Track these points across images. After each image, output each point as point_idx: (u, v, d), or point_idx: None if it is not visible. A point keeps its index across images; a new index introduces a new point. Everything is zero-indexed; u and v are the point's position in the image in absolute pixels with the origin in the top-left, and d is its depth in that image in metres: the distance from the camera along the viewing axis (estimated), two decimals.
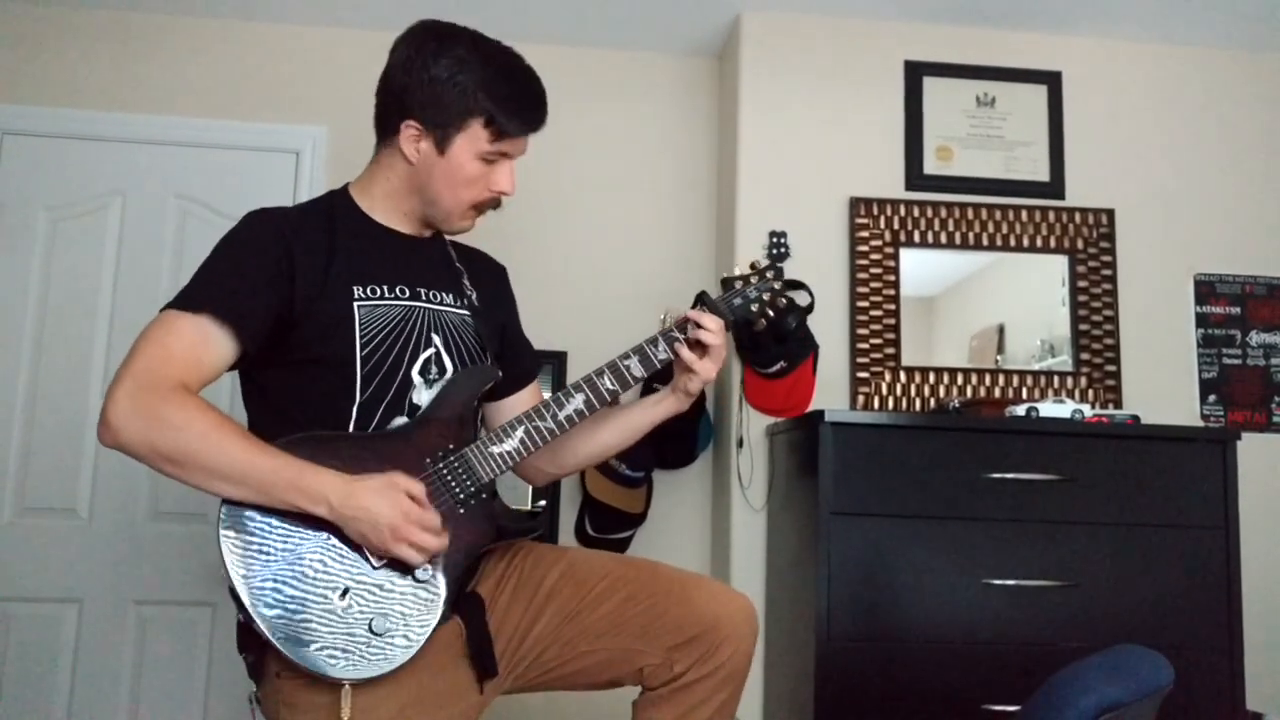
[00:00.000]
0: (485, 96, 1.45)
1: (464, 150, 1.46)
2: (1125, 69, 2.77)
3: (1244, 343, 2.68)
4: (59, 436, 2.59)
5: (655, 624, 1.47)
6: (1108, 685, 1.26)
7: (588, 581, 1.50)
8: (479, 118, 1.45)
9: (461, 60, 1.45)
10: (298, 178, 2.72)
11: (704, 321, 1.51)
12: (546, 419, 1.48)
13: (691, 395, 1.57)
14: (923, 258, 2.61)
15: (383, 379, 1.42)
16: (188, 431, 1.28)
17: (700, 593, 1.50)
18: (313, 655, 1.29)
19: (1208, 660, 2.07)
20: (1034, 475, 2.09)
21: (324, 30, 2.81)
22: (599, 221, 2.83)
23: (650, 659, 1.47)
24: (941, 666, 2.03)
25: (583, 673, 1.50)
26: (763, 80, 2.66)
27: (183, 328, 1.35)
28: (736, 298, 1.58)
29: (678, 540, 2.70)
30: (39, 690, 2.51)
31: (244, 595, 1.29)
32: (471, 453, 1.44)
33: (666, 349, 1.52)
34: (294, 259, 1.41)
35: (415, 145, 1.47)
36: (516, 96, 1.48)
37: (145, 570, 2.57)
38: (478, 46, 1.49)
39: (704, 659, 1.45)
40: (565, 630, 1.48)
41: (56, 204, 2.67)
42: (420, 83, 1.46)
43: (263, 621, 1.28)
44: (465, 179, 1.48)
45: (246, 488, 1.30)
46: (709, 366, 1.52)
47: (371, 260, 1.48)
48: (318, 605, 1.31)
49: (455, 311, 1.53)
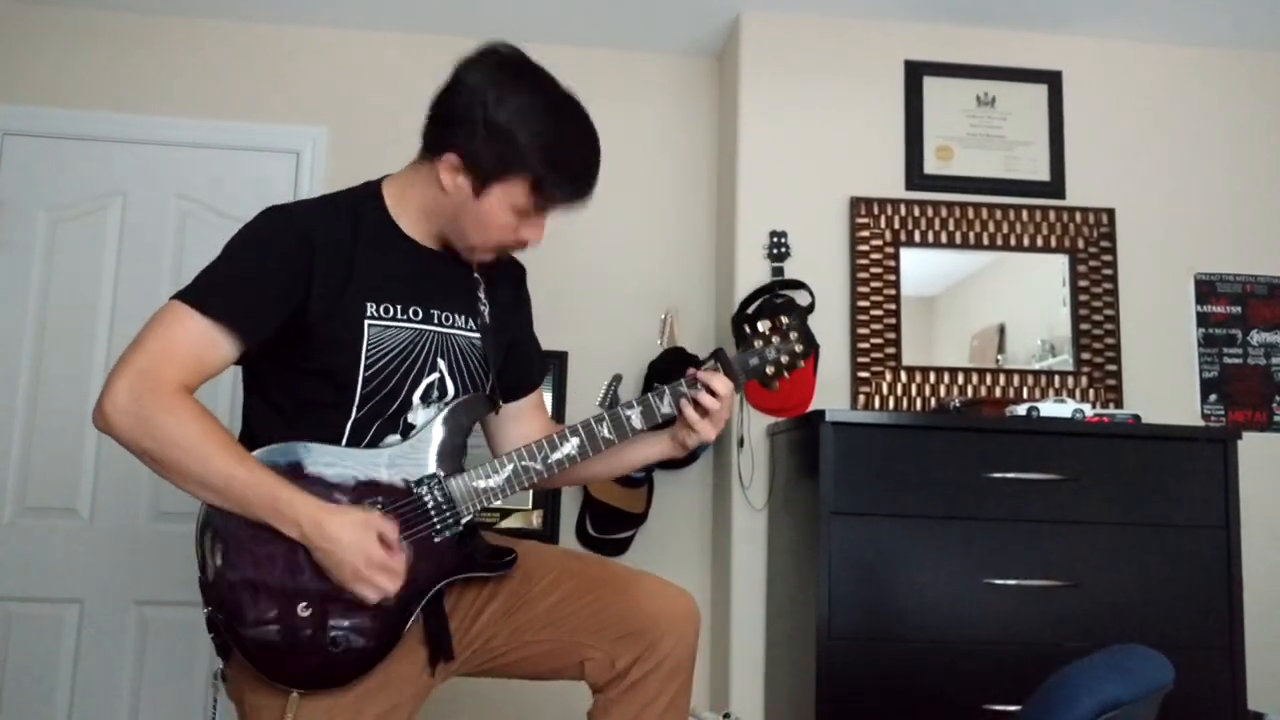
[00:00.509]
0: (538, 159, 1.38)
1: (499, 200, 1.41)
2: (1125, 68, 2.77)
3: (1245, 342, 2.68)
4: (59, 436, 2.59)
5: (597, 618, 1.49)
6: (1108, 684, 1.25)
7: (536, 573, 1.52)
8: (525, 178, 1.39)
9: (523, 112, 1.38)
10: (298, 178, 2.73)
11: (714, 385, 1.47)
12: (536, 460, 1.47)
13: (687, 449, 1.55)
14: (923, 257, 2.61)
15: (382, 400, 1.42)
16: (176, 439, 1.30)
17: (642, 589, 1.52)
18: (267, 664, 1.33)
19: (1209, 659, 2.07)
20: (1035, 475, 2.09)
21: (324, 31, 2.81)
22: (599, 222, 2.81)
23: (592, 652, 1.49)
24: (942, 666, 2.03)
25: (528, 661, 1.52)
26: (763, 80, 2.66)
27: (191, 326, 1.34)
28: (754, 358, 1.52)
29: (678, 540, 2.70)
30: (40, 690, 2.51)
31: (213, 595, 1.33)
32: (456, 484, 1.44)
33: (672, 405, 1.49)
34: (313, 268, 1.39)
35: (453, 177, 1.41)
36: (570, 166, 1.42)
37: (146, 570, 2.58)
38: (546, 99, 1.42)
39: (646, 654, 1.48)
40: (512, 619, 1.50)
41: (57, 204, 2.67)
42: (475, 120, 1.38)
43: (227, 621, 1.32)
44: (496, 225, 1.43)
45: (228, 500, 1.32)
46: (709, 429, 1.49)
47: (389, 275, 1.45)
48: (280, 613, 1.33)
49: (464, 334, 1.51)
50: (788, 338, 1.52)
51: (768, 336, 1.52)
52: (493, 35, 1.55)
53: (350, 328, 1.40)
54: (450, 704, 2.43)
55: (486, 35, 3.10)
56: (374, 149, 2.73)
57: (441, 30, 2.79)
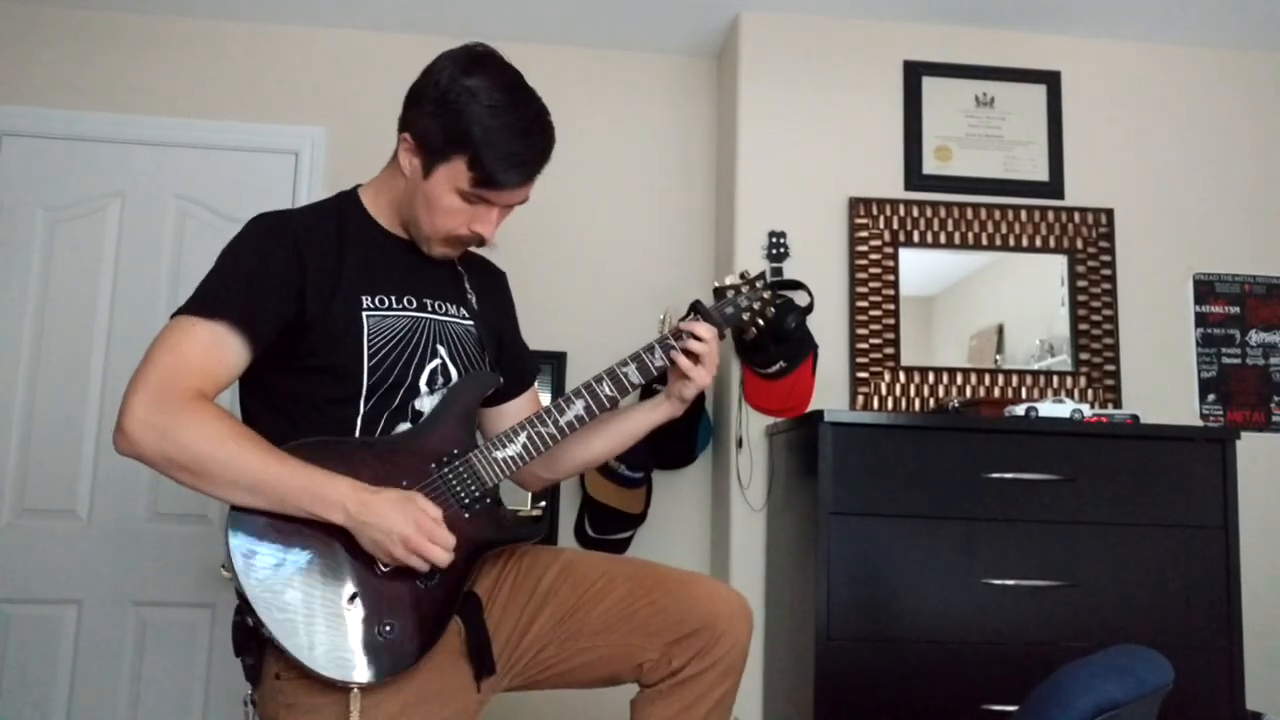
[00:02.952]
0: (478, 137, 1.39)
1: (443, 181, 1.42)
2: (1124, 68, 2.77)
3: (1243, 342, 2.68)
4: (58, 437, 2.59)
5: (653, 620, 1.48)
6: (1107, 685, 1.25)
7: (585, 580, 1.51)
8: (463, 156, 1.40)
9: (474, 92, 1.39)
10: (297, 178, 2.72)
11: (698, 330, 1.54)
12: (549, 424, 1.49)
13: (686, 401, 1.59)
14: (922, 258, 2.61)
15: (389, 388, 1.43)
16: (203, 442, 1.28)
17: (698, 589, 1.51)
18: (321, 658, 1.30)
19: (1207, 660, 2.07)
20: (1033, 475, 2.09)
21: (323, 31, 2.81)
22: (598, 222, 2.83)
23: (649, 654, 1.48)
24: (941, 666, 2.03)
25: (581, 670, 1.51)
26: (762, 80, 2.66)
27: (198, 334, 1.35)
28: (728, 306, 1.61)
29: (677, 541, 2.70)
30: (38, 691, 2.51)
31: (253, 599, 1.29)
32: (476, 457, 1.44)
33: (663, 356, 1.54)
34: (305, 265, 1.40)
35: (408, 159, 1.45)
36: (510, 149, 1.41)
37: (144, 571, 2.57)
38: (502, 86, 1.42)
39: (702, 653, 1.46)
40: (563, 628, 1.49)
41: (55, 205, 2.67)
42: (428, 99, 1.42)
43: (272, 625, 1.29)
44: (443, 209, 1.44)
45: (263, 496, 1.30)
46: (703, 374, 1.55)
47: (379, 269, 1.48)
48: (326, 609, 1.31)
49: (459, 322, 1.54)
50: (754, 286, 1.62)
51: (737, 286, 1.62)
52: (492, 36, 1.56)
53: (349, 320, 1.41)
54: None
55: (486, 36, 3.10)
56: (373, 149, 2.70)
57: (440, 31, 2.79)
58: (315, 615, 1.31)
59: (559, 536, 2.65)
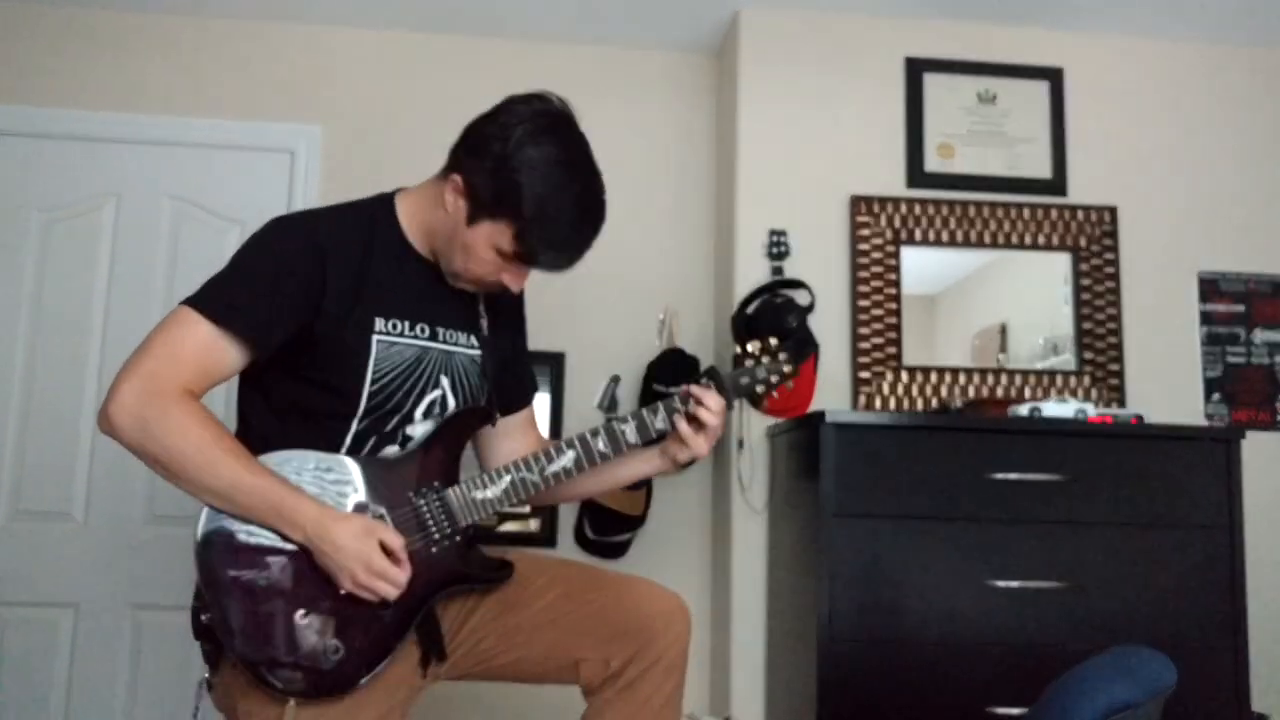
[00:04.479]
0: (530, 211, 1.38)
1: (486, 236, 1.41)
2: (1127, 65, 2.75)
3: (1248, 341, 2.67)
4: (54, 439, 2.58)
5: (591, 619, 1.51)
6: (1116, 686, 1.25)
7: (527, 576, 1.54)
8: (510, 224, 1.39)
9: (534, 166, 1.38)
10: (292, 177, 2.71)
11: (706, 401, 1.50)
12: (534, 472, 1.49)
13: (679, 465, 1.57)
14: (924, 256, 2.59)
15: (385, 413, 1.44)
16: (181, 444, 1.30)
17: (634, 590, 1.54)
18: (266, 670, 1.32)
19: (1212, 660, 2.06)
20: (1037, 475, 2.07)
21: (318, 28, 2.79)
22: None
23: (586, 653, 1.50)
24: (944, 668, 2.01)
25: (520, 663, 1.53)
26: (762, 77, 2.64)
27: (200, 333, 1.35)
28: (744, 377, 1.55)
29: (678, 543, 2.69)
30: (34, 695, 2.50)
31: (211, 601, 1.32)
32: (454, 494, 1.45)
33: (665, 420, 1.52)
34: (326, 278, 1.40)
35: (454, 199, 1.43)
36: (557, 231, 1.41)
37: (141, 574, 2.56)
38: (565, 160, 1.41)
39: (641, 652, 1.49)
40: (503, 621, 1.52)
41: (50, 205, 2.65)
42: (490, 153, 1.39)
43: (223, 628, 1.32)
44: (477, 258, 1.44)
45: (229, 504, 1.33)
46: (702, 445, 1.52)
47: (398, 290, 1.47)
48: (280, 619, 1.33)
49: (466, 352, 1.54)
50: (776, 358, 1.56)
51: (757, 356, 1.56)
52: (490, 34, 1.54)
53: (358, 343, 1.42)
54: (446, 708, 2.41)
55: (482, 34, 3.09)
56: (368, 148, 2.72)
57: (437, 28, 2.77)
58: (267, 624, 1.32)
59: (559, 538, 2.64)
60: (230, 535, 1.33)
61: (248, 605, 1.32)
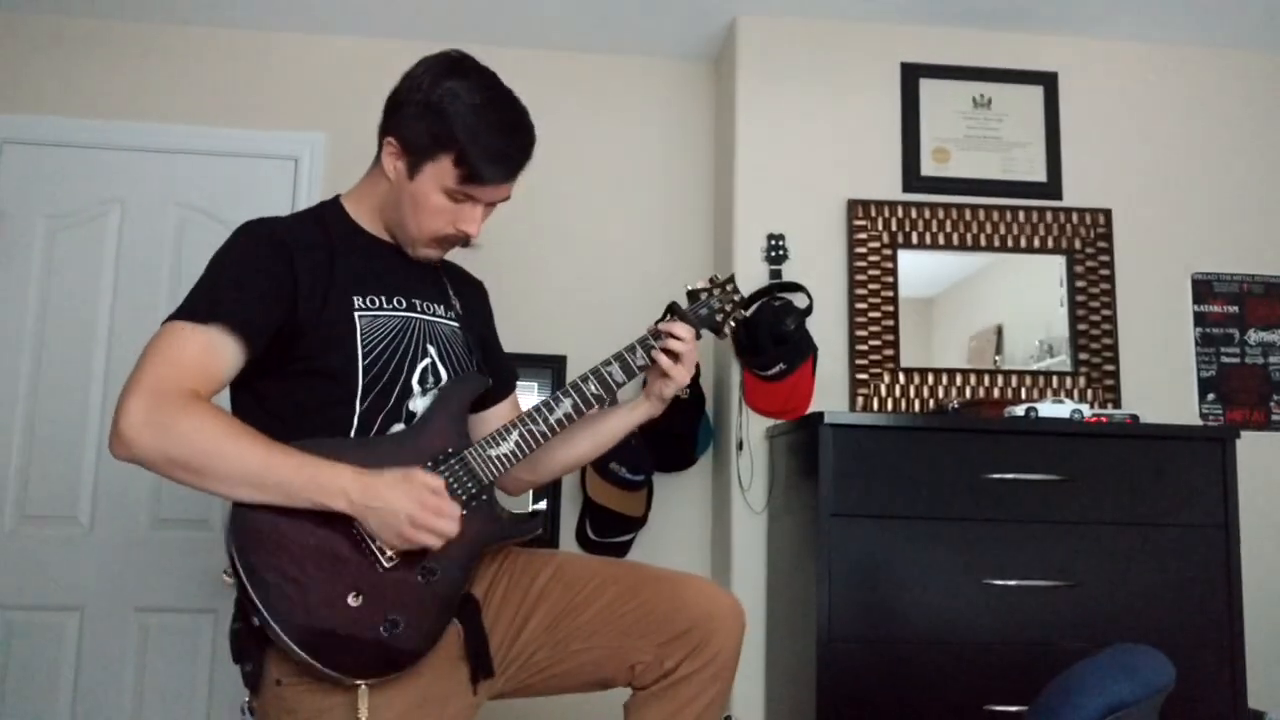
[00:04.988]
0: (463, 135, 1.43)
1: (429, 181, 1.46)
2: (1121, 69, 2.78)
3: (1242, 341, 2.69)
4: (59, 444, 2.59)
5: (646, 620, 1.49)
6: (1114, 684, 1.25)
7: (578, 582, 1.52)
8: (449, 153, 1.43)
9: (456, 94, 1.44)
10: (296, 184, 2.73)
11: (676, 330, 1.57)
12: (539, 422, 1.51)
13: (664, 400, 1.62)
14: (921, 259, 2.62)
15: (383, 388, 1.44)
16: (202, 438, 1.28)
17: (689, 590, 1.52)
18: (326, 659, 1.30)
19: (1209, 659, 2.07)
20: (1033, 475, 2.09)
21: (322, 38, 2.81)
22: (597, 225, 2.83)
23: (642, 655, 1.48)
24: (942, 667, 2.03)
25: (574, 672, 1.51)
26: (759, 83, 2.66)
27: (190, 338, 1.34)
28: (702, 309, 1.64)
29: (678, 543, 2.70)
30: (40, 699, 2.51)
31: (259, 602, 1.28)
32: (471, 455, 1.45)
33: (644, 355, 1.57)
34: (295, 269, 1.41)
35: (393, 162, 1.48)
36: (495, 145, 1.45)
37: (146, 577, 2.57)
38: (482, 87, 1.47)
39: (695, 653, 1.47)
40: (556, 630, 1.50)
41: (55, 212, 2.67)
42: (411, 102, 1.45)
43: (279, 626, 1.28)
44: (429, 209, 1.47)
45: (266, 490, 1.29)
46: (682, 372, 1.57)
47: (367, 270, 1.49)
48: (331, 608, 1.31)
49: (446, 323, 1.56)
50: (725, 289, 1.66)
51: (709, 289, 1.67)
52: (490, 41, 1.56)
53: (343, 322, 1.43)
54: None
55: (484, 41, 3.11)
56: (372, 155, 2.73)
57: (439, 37, 2.79)
58: (322, 615, 1.30)
59: (560, 539, 2.65)
60: (263, 532, 1.30)
61: (296, 598, 1.28)
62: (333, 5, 2.67)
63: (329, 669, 1.30)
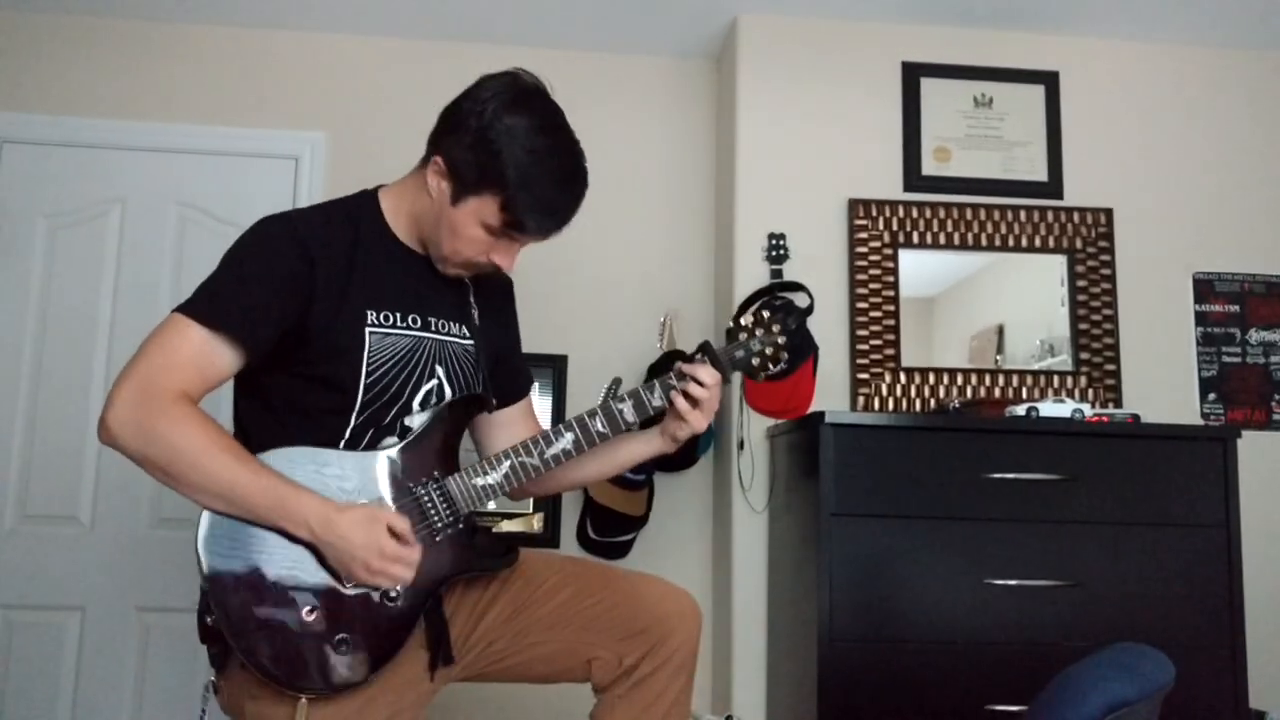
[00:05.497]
0: (514, 181, 1.38)
1: (472, 213, 1.42)
2: (1122, 68, 2.77)
3: (1243, 341, 2.69)
4: (60, 443, 2.59)
5: (604, 617, 1.50)
6: (1116, 684, 1.25)
7: (539, 576, 1.54)
8: (496, 196, 1.40)
9: (514, 134, 1.39)
10: (297, 183, 2.73)
11: (701, 377, 1.50)
12: (533, 455, 1.48)
13: (678, 442, 1.56)
14: (922, 259, 2.61)
15: (383, 405, 1.43)
16: (180, 447, 1.30)
17: (647, 588, 1.54)
18: (268, 663, 1.32)
19: (1210, 658, 2.07)
20: (1034, 475, 2.09)
21: (323, 36, 2.81)
22: (598, 225, 2.82)
23: (599, 651, 1.50)
24: (943, 667, 2.03)
25: (531, 663, 1.53)
26: (760, 82, 2.66)
27: (192, 337, 1.35)
28: (739, 350, 1.55)
29: (679, 543, 2.70)
30: (42, 698, 2.51)
31: (215, 602, 1.31)
32: (454, 482, 1.45)
33: (662, 397, 1.52)
34: (314, 272, 1.40)
35: (437, 181, 1.44)
36: (545, 197, 1.42)
37: (147, 577, 2.57)
38: (543, 129, 1.42)
39: (654, 651, 1.49)
40: (515, 621, 1.51)
41: (56, 211, 2.67)
42: (468, 128, 1.40)
43: (230, 628, 1.31)
44: (465, 238, 1.44)
45: (233, 506, 1.32)
46: (700, 419, 1.51)
47: (388, 283, 1.47)
48: (287, 618, 1.33)
49: (459, 341, 1.54)
50: (770, 330, 1.56)
51: (750, 329, 1.56)
52: (491, 40, 1.56)
53: (352, 336, 1.41)
54: (452, 707, 2.43)
55: (484, 40, 3.11)
56: (373, 154, 2.73)
57: (440, 36, 2.79)
58: (275, 623, 1.32)
59: (561, 539, 2.66)
60: (232, 534, 1.32)
61: (253, 604, 1.31)
62: (333, 4, 2.67)
63: (272, 680, 1.32)
